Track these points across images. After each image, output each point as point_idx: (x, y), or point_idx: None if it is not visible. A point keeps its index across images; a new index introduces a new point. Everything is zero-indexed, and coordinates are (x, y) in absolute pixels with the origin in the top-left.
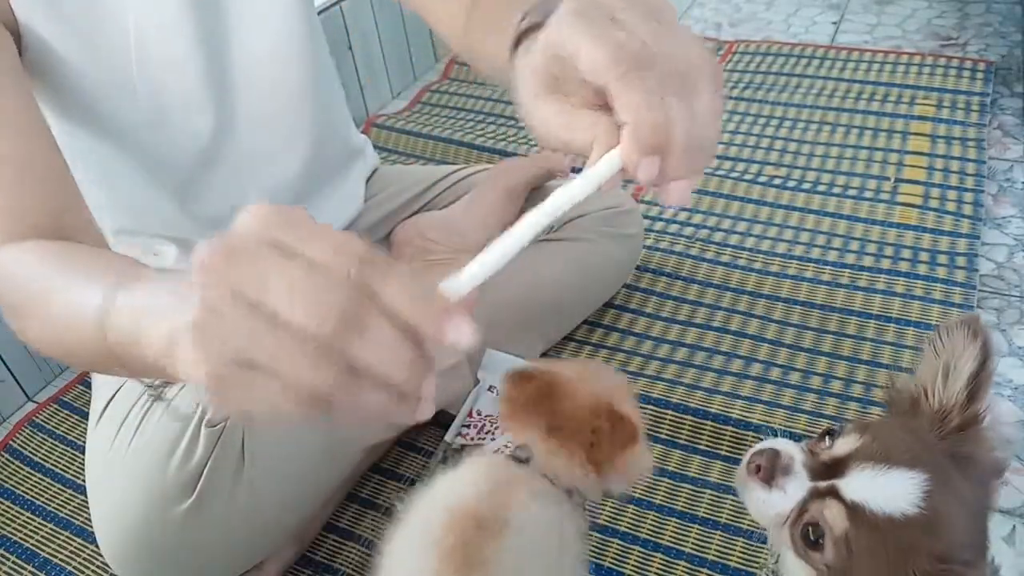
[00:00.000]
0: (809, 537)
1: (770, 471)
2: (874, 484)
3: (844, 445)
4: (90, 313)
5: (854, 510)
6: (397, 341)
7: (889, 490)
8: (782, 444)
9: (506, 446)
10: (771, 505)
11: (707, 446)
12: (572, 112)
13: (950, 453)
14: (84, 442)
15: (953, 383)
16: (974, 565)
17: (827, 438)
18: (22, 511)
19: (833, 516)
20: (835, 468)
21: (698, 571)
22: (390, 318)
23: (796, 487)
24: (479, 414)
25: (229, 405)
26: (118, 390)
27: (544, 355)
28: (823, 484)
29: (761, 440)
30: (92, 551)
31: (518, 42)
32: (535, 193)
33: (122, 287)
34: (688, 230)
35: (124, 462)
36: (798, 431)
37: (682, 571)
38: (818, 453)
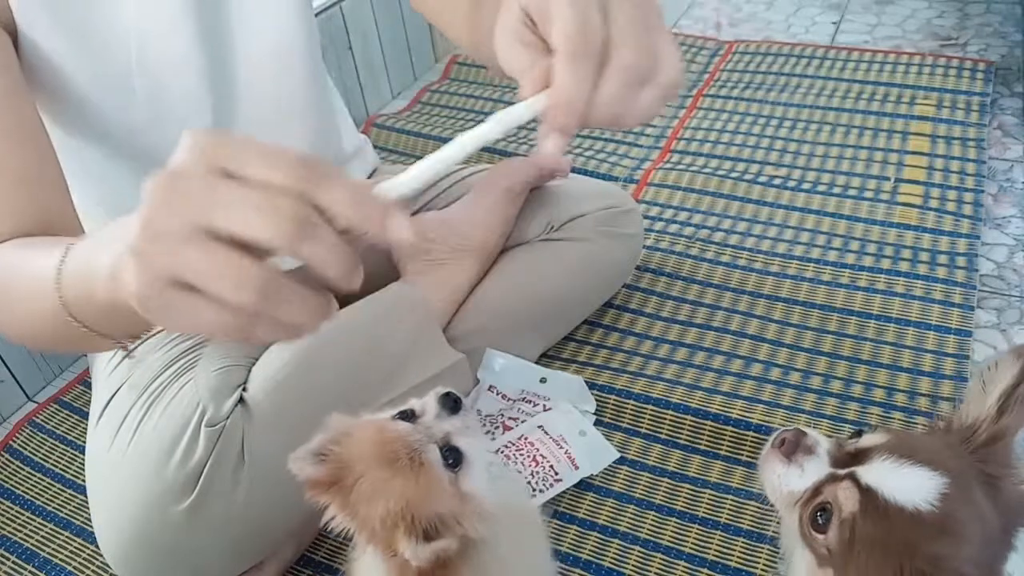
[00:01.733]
0: (817, 519)
1: (794, 445)
2: (892, 474)
3: (870, 440)
4: (48, 276)
5: (867, 494)
6: (339, 245)
7: (906, 482)
8: (812, 431)
9: (506, 446)
10: (786, 481)
11: (707, 446)
12: (522, 48)
13: (978, 471)
14: (84, 442)
15: (987, 398)
16: None
17: (856, 437)
18: (22, 511)
19: (845, 496)
20: (857, 457)
21: (698, 571)
22: (333, 222)
23: (815, 468)
24: (479, 414)
25: (162, 323)
26: (118, 390)
27: (544, 355)
28: (842, 470)
29: (761, 440)
30: (92, 551)
31: None
32: (535, 193)
33: (74, 244)
34: (688, 230)
35: (124, 462)
36: None
37: (682, 571)
38: (844, 446)
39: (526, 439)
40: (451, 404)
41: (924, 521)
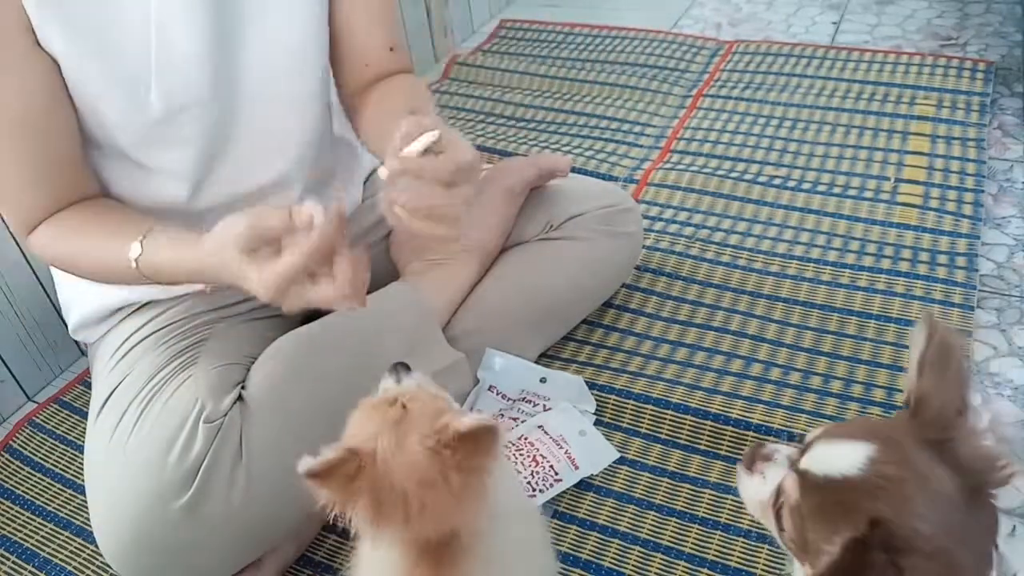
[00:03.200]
0: (780, 518)
1: (751, 458)
2: (822, 453)
3: (813, 433)
4: (126, 256)
5: (804, 477)
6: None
7: (834, 457)
8: (771, 443)
9: (506, 446)
10: (752, 490)
11: (707, 446)
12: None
13: (917, 437)
14: (84, 442)
15: (910, 371)
16: (932, 550)
17: None
18: (22, 511)
19: (789, 487)
20: (804, 452)
21: (698, 571)
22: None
23: (775, 474)
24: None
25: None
26: (117, 386)
27: (544, 355)
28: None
29: (761, 440)
30: (92, 551)
31: None
32: (535, 193)
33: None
34: (688, 230)
35: (122, 457)
36: (798, 431)
37: (682, 571)
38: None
39: (526, 439)
40: (404, 368)
41: (855, 485)
